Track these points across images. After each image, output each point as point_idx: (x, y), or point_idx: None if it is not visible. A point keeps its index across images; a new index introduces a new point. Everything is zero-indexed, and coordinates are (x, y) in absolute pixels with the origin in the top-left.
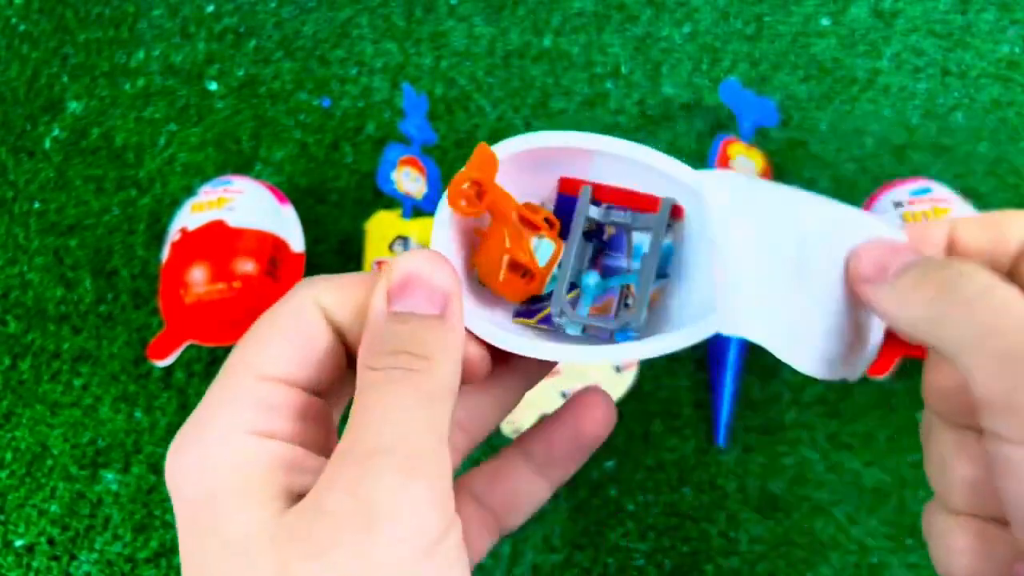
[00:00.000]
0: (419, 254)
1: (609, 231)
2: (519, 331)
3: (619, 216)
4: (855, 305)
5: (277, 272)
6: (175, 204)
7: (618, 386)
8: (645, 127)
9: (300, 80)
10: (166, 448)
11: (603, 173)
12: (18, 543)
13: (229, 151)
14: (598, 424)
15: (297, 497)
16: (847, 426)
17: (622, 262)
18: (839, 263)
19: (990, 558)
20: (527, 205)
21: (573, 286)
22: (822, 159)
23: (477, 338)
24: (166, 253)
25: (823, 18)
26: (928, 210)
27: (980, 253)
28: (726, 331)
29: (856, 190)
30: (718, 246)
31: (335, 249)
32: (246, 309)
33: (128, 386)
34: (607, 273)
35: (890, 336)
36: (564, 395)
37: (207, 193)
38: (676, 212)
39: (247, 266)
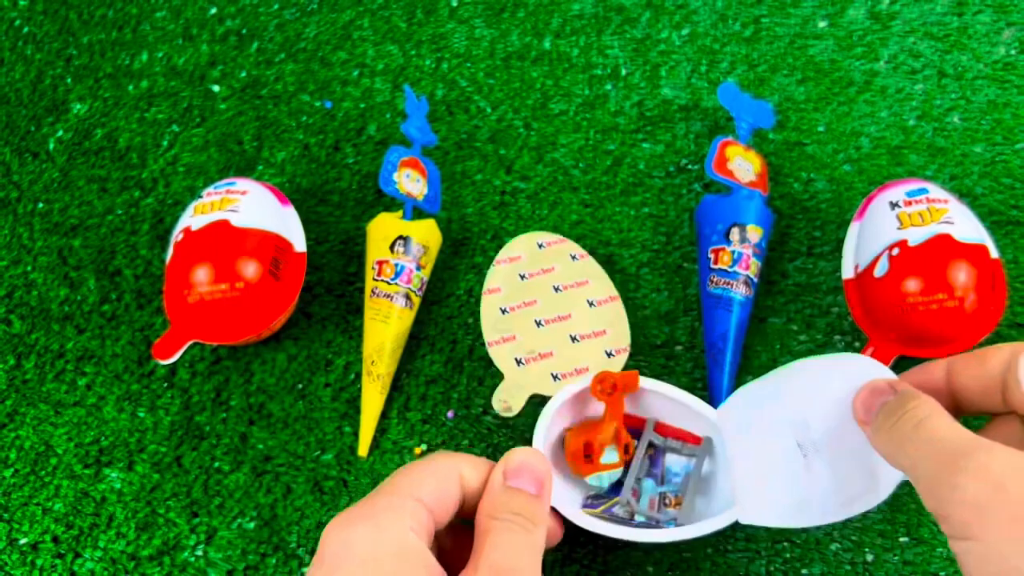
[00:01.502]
0: (527, 451)
1: (649, 452)
2: (588, 518)
3: (672, 444)
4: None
5: (279, 272)
6: (178, 205)
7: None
8: (644, 129)
9: (302, 82)
10: (169, 447)
11: (653, 407)
12: (22, 541)
13: (232, 152)
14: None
15: None
16: None
17: (657, 474)
18: (839, 418)
19: None
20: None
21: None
22: (819, 160)
23: (557, 516)
24: (170, 253)
25: (820, 20)
26: (924, 211)
27: (974, 384)
28: (745, 521)
29: (853, 191)
30: (731, 463)
31: (337, 250)
32: (249, 309)
33: (132, 385)
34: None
35: (886, 336)
36: (555, 376)
37: (210, 194)
38: (697, 439)
39: (250, 266)
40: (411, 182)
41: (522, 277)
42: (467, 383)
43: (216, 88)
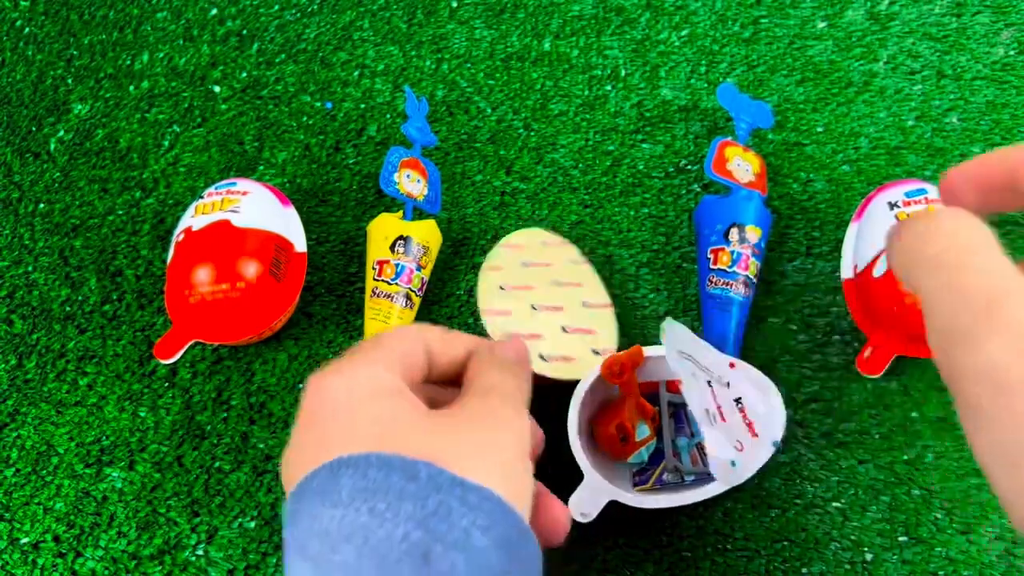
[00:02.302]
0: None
1: (671, 412)
2: (639, 495)
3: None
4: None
5: (280, 272)
6: (179, 205)
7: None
8: (643, 129)
9: (303, 83)
10: (170, 446)
11: (656, 370)
12: (24, 541)
13: (232, 153)
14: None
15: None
16: (841, 424)
17: (686, 429)
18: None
19: None
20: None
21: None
22: (818, 161)
23: (562, 506)
24: (171, 253)
25: (819, 21)
26: (923, 211)
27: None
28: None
29: (851, 191)
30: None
31: (337, 250)
32: (250, 309)
33: (133, 385)
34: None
35: (886, 336)
36: (542, 357)
37: (211, 195)
38: None
39: (251, 267)
40: (411, 183)
41: (524, 264)
42: None
43: (217, 89)
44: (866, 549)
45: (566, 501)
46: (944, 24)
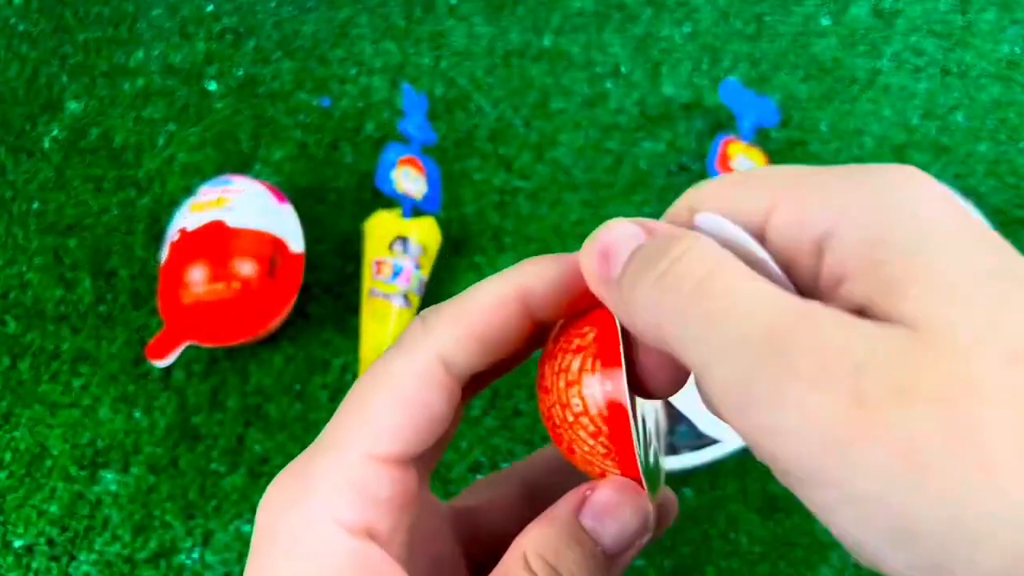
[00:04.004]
0: (624, 486)
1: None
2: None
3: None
4: None
5: (276, 272)
6: (174, 204)
7: None
8: (645, 127)
9: (299, 80)
10: (165, 448)
11: None
12: (17, 544)
13: (228, 151)
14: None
15: None
16: None
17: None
18: None
19: None
20: None
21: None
22: (822, 159)
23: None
24: (165, 253)
25: (823, 18)
26: None
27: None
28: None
29: None
30: None
31: (334, 249)
32: (246, 309)
33: (127, 386)
34: None
35: None
36: None
37: (206, 193)
38: None
39: (246, 266)
40: (409, 181)
41: None
42: None
43: (213, 86)
44: None
45: None
46: (949, 21)
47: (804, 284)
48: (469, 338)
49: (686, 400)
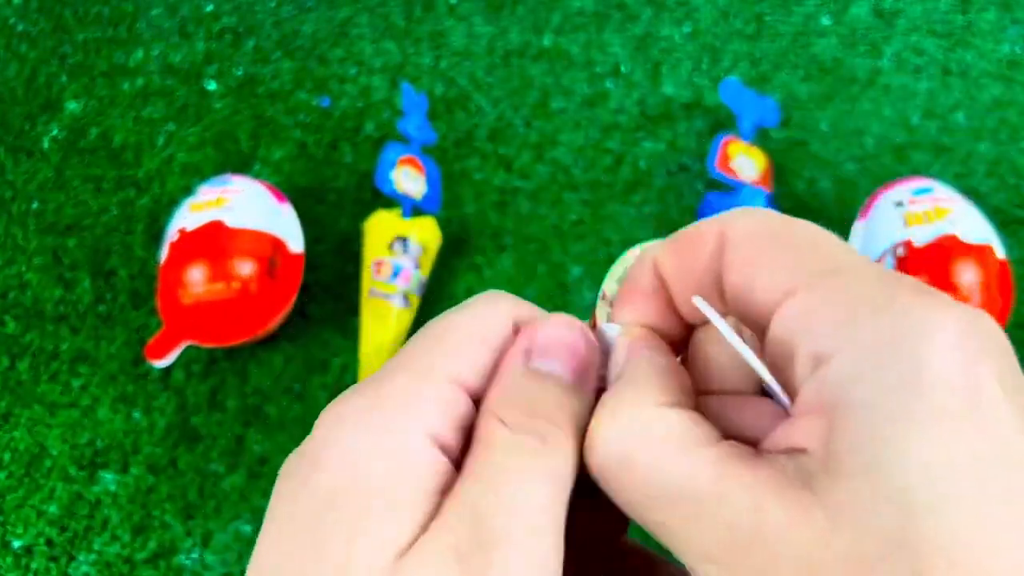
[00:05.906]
0: (563, 320)
1: None
2: None
3: None
4: None
5: (276, 272)
6: (173, 204)
7: None
8: (645, 127)
9: (299, 80)
10: (164, 448)
11: None
12: (16, 544)
13: (228, 151)
14: None
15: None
16: None
17: None
18: None
19: None
20: None
21: None
22: (823, 159)
23: None
24: (165, 253)
25: (824, 17)
26: (929, 210)
27: (680, 284)
28: None
29: (857, 190)
30: None
31: (334, 249)
32: (245, 310)
33: (127, 387)
34: None
35: None
36: None
37: (206, 193)
38: None
39: (245, 266)
40: (409, 180)
41: None
42: None
43: (212, 86)
44: None
45: None
46: (950, 21)
47: (788, 379)
48: (529, 306)
49: None
